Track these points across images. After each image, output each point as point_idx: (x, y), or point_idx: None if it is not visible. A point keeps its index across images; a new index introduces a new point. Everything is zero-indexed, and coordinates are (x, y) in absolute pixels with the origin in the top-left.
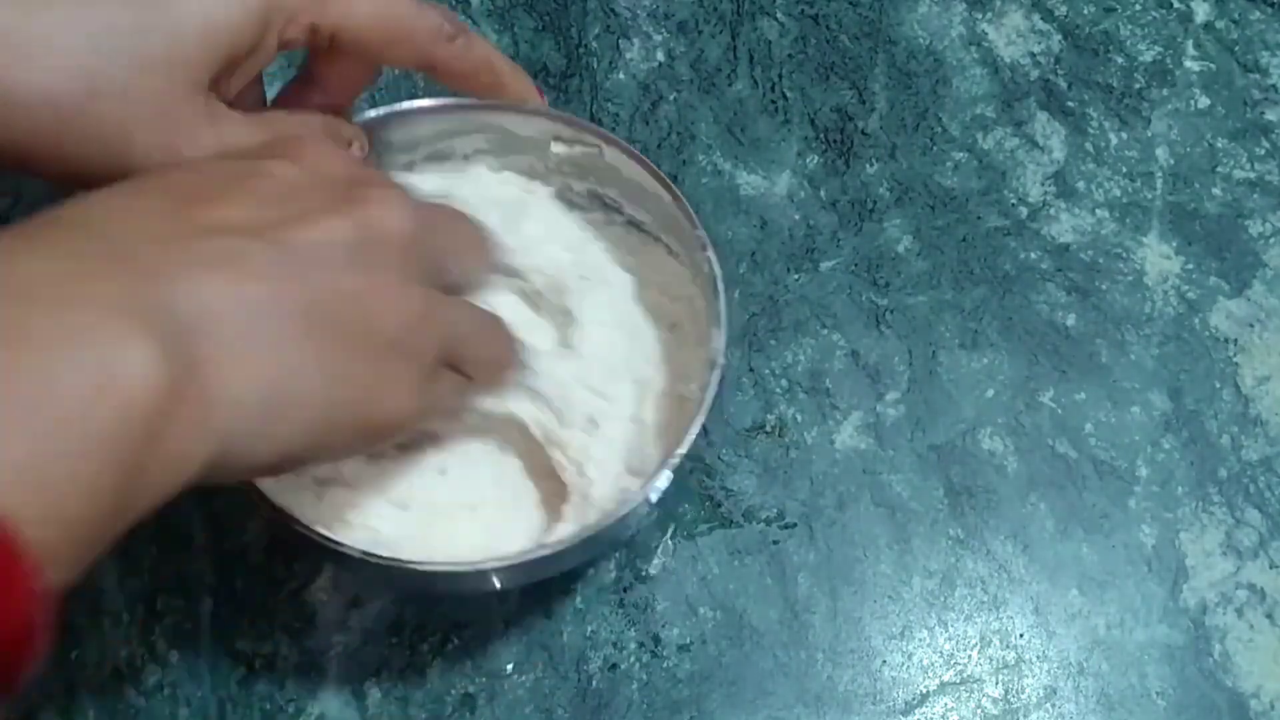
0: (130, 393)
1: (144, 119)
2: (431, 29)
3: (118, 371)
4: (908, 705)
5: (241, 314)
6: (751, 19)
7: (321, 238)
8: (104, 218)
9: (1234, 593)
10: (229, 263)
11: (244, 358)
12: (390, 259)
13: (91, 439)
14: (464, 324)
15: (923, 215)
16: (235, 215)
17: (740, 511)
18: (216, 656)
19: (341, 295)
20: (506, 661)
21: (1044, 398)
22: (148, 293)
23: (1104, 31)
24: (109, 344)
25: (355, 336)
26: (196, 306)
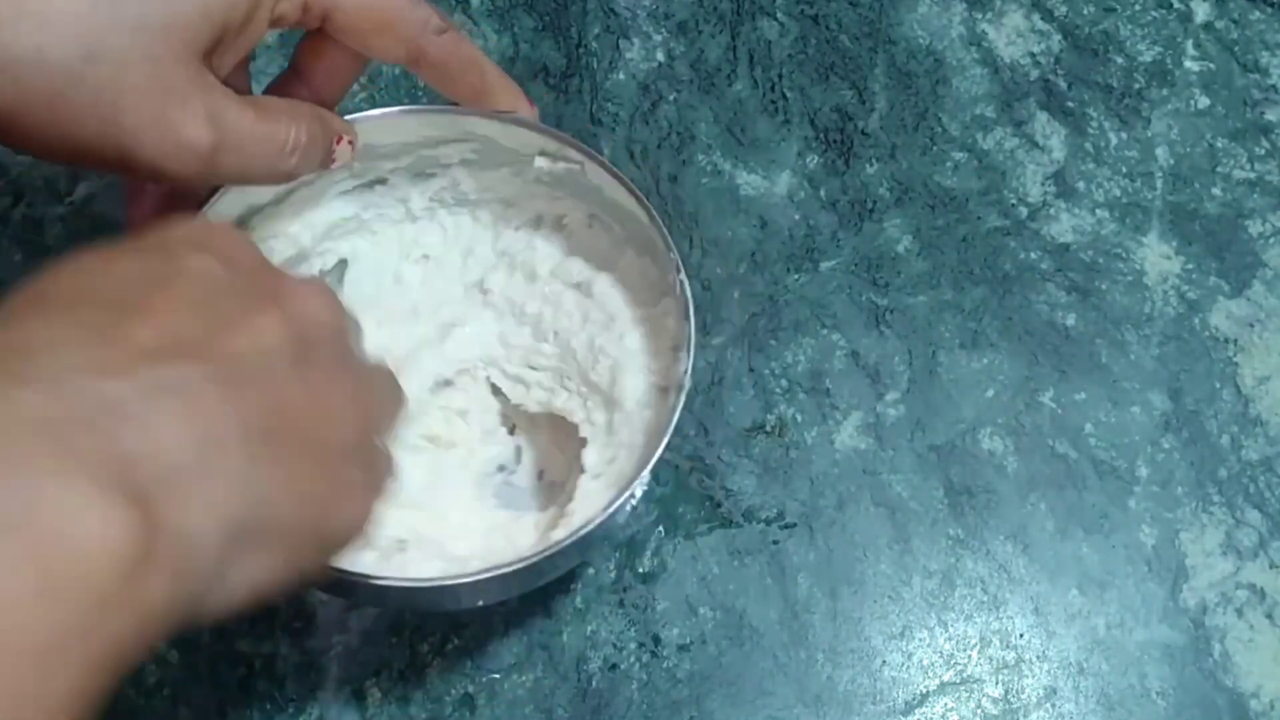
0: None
1: (139, 85)
2: (421, 20)
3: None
4: (908, 705)
5: (202, 448)
6: (751, 19)
7: (259, 343)
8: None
9: (1234, 593)
10: (180, 394)
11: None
12: (325, 350)
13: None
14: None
15: (923, 215)
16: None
17: (740, 511)
18: (216, 656)
19: (290, 403)
20: (506, 661)
21: (1044, 398)
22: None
23: (1104, 31)
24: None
25: (310, 447)
26: (154, 451)
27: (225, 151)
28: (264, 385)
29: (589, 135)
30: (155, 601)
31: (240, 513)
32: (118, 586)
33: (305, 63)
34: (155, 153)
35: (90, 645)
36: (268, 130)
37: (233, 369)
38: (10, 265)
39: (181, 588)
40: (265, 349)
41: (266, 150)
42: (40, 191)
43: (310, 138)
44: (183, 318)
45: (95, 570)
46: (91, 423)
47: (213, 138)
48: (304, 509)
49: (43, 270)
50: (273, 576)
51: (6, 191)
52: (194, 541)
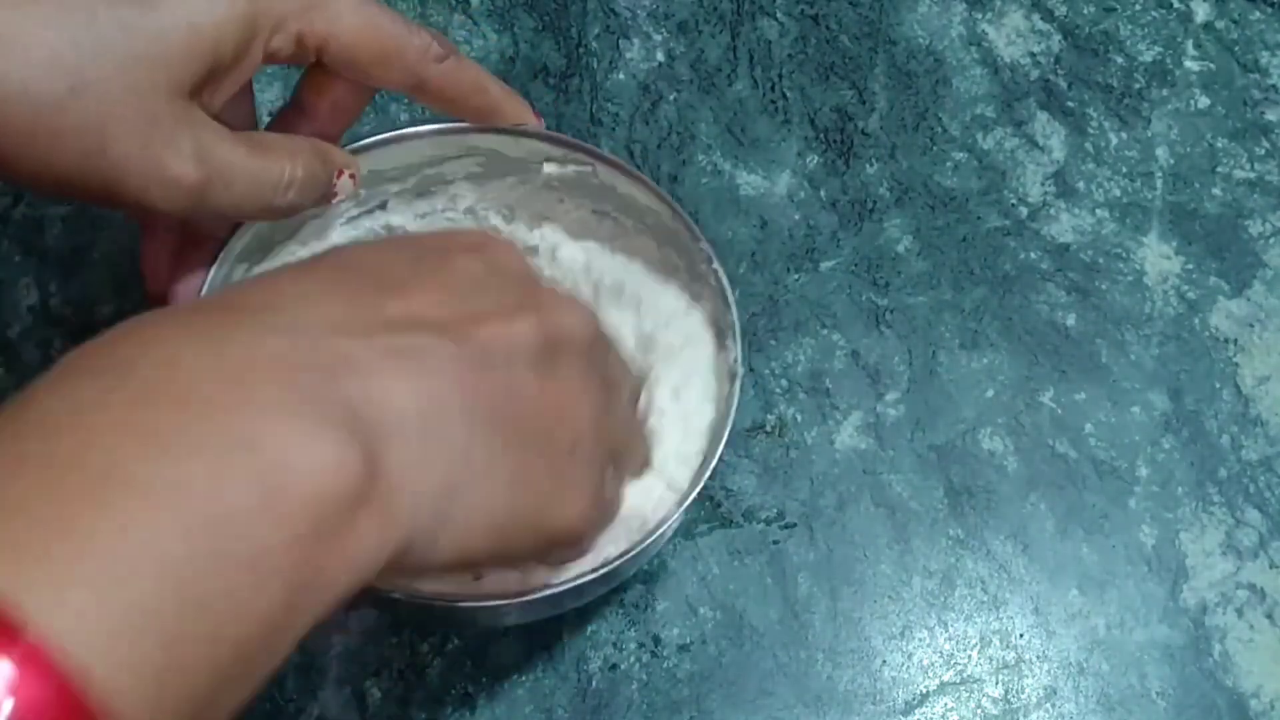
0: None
1: (123, 119)
2: (420, 48)
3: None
4: (908, 705)
5: (427, 412)
6: (751, 19)
7: (509, 337)
8: (278, 302)
9: (1234, 593)
10: (416, 359)
11: (425, 460)
12: (573, 363)
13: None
14: (626, 426)
15: (923, 215)
16: (421, 308)
17: (740, 511)
18: None
19: (526, 398)
20: (506, 661)
21: (1044, 398)
22: (330, 390)
23: (1104, 31)
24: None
25: (538, 440)
26: (381, 403)
27: (214, 187)
28: (503, 375)
29: (589, 135)
30: (364, 542)
31: (456, 479)
32: (332, 520)
33: (307, 98)
34: (141, 188)
35: (301, 569)
36: (260, 166)
37: (475, 352)
38: (10, 265)
39: (391, 535)
40: (513, 345)
41: (258, 186)
42: None
43: (307, 173)
44: (437, 301)
45: (313, 500)
46: (326, 370)
47: (199, 174)
48: (520, 493)
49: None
50: (481, 551)
51: (6, 191)
52: (407, 495)
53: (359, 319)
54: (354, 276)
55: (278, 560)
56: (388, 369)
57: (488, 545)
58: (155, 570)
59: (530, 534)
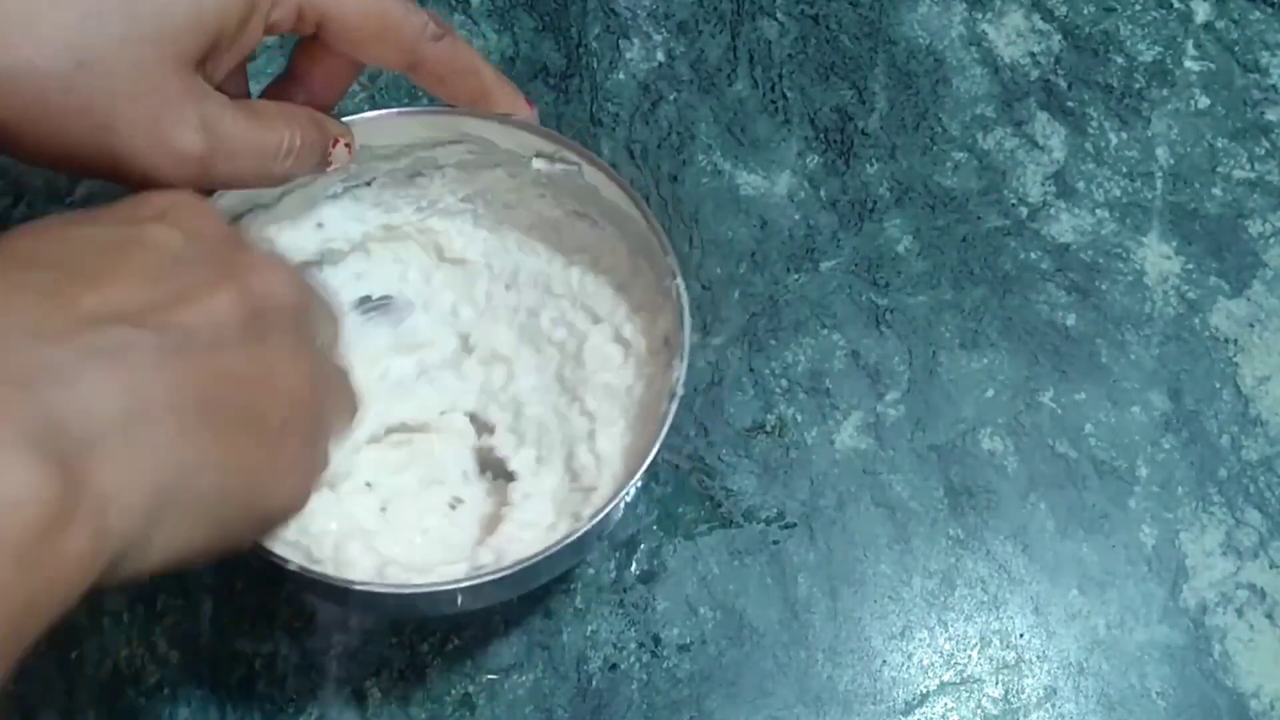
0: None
1: (130, 94)
2: (418, 26)
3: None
4: (908, 705)
5: (132, 414)
6: (751, 19)
7: (212, 314)
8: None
9: (1234, 593)
10: (117, 358)
11: (136, 462)
12: (282, 329)
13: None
14: (335, 384)
15: (923, 215)
16: (118, 297)
17: (740, 511)
18: (216, 656)
19: (235, 379)
20: (506, 661)
21: (1044, 398)
22: (29, 404)
23: (1104, 31)
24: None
25: (250, 422)
26: (84, 413)
27: (218, 158)
28: (208, 357)
29: (589, 135)
30: (72, 561)
31: (166, 480)
32: (35, 544)
33: (302, 67)
34: (148, 160)
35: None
36: (260, 135)
37: (177, 339)
38: None
39: (102, 548)
40: (216, 322)
41: (259, 155)
42: (40, 191)
43: (304, 141)
44: (133, 286)
45: (12, 527)
46: (23, 382)
47: (205, 145)
48: (235, 481)
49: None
50: (200, 545)
51: (6, 191)
52: (116, 505)
53: (55, 319)
54: (44, 270)
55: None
56: (88, 373)
57: (204, 540)
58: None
59: (247, 519)
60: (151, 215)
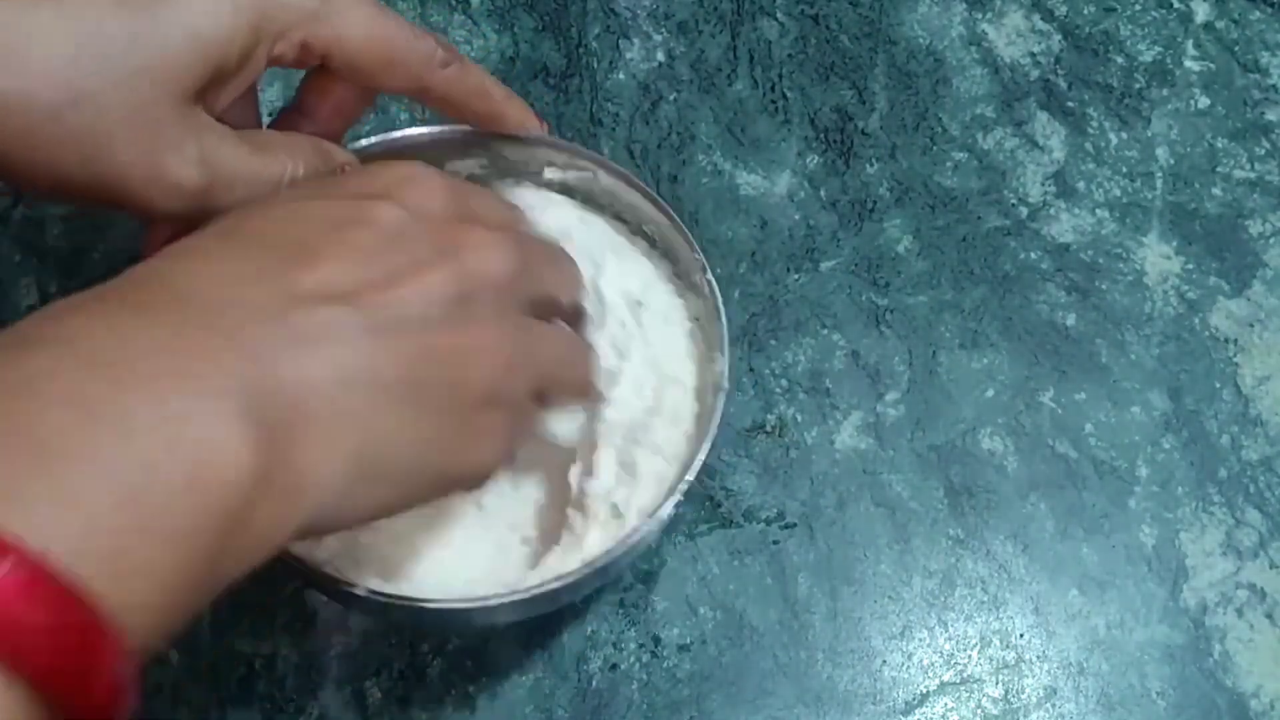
0: (221, 479)
1: (125, 128)
2: (425, 54)
3: (211, 457)
4: (908, 705)
5: (334, 391)
6: (751, 19)
7: (422, 294)
8: (200, 283)
9: (1234, 593)
10: (324, 338)
11: (334, 437)
12: (488, 303)
13: (180, 526)
14: (553, 353)
15: (923, 215)
16: (331, 278)
17: (740, 511)
18: (216, 656)
19: (436, 355)
20: (506, 661)
21: (1044, 398)
22: (244, 373)
23: (1104, 31)
24: (204, 428)
25: (449, 396)
26: (291, 386)
27: (217, 189)
28: (414, 336)
29: (589, 135)
30: (266, 527)
31: (366, 452)
32: (239, 500)
33: (310, 99)
34: (144, 192)
35: (207, 547)
36: (261, 165)
37: (385, 318)
38: (10, 265)
39: (294, 517)
40: (426, 302)
41: (260, 185)
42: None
43: (307, 171)
44: (350, 266)
45: (222, 482)
46: (240, 357)
47: (202, 177)
48: (429, 454)
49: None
50: (387, 506)
51: (6, 191)
52: (312, 475)
53: (272, 300)
54: (272, 250)
55: (194, 539)
56: (297, 350)
57: (397, 501)
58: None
59: (437, 484)
60: (380, 191)
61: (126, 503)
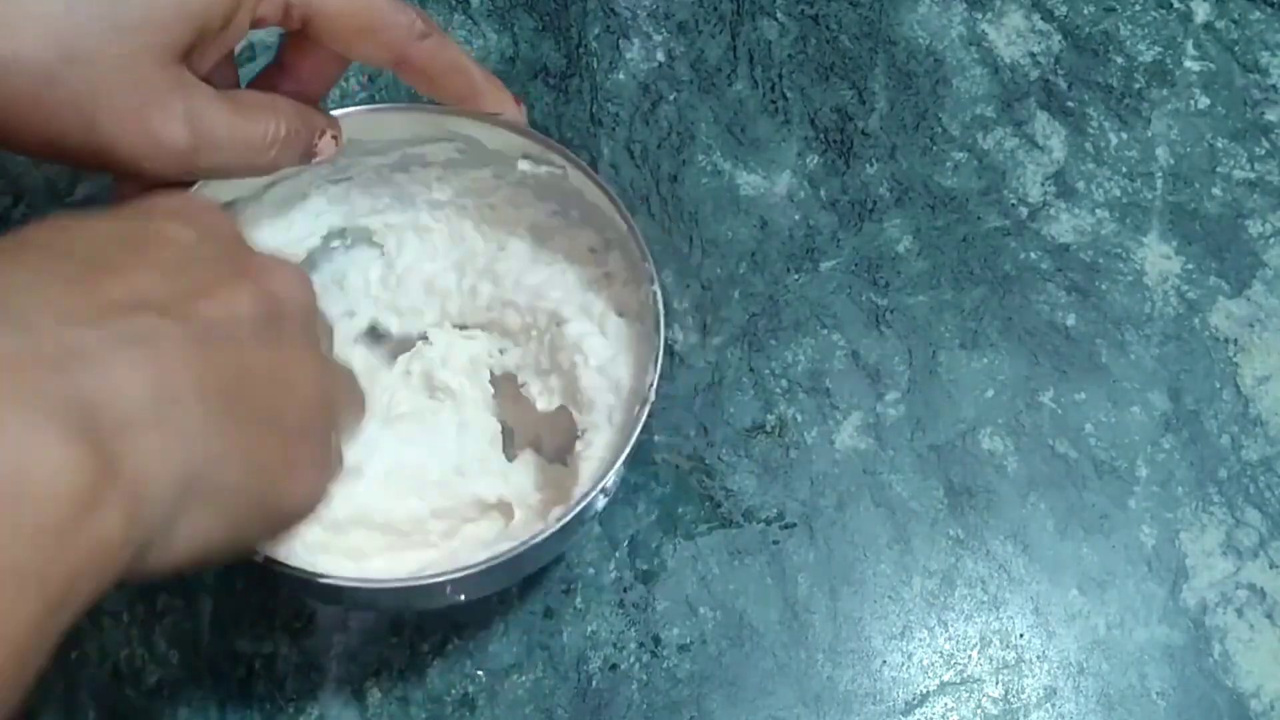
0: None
1: (116, 85)
2: (404, 25)
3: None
4: (908, 705)
5: (161, 399)
6: (751, 19)
7: (230, 309)
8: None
9: (1234, 593)
10: (145, 345)
11: (164, 446)
12: (294, 331)
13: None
14: (343, 383)
15: (923, 215)
16: (143, 287)
17: (740, 511)
18: (216, 656)
19: (255, 375)
20: (506, 661)
21: (1044, 398)
22: (64, 386)
23: (1104, 31)
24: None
25: (270, 419)
26: (115, 396)
27: (203, 148)
28: (230, 351)
29: (589, 135)
30: (107, 541)
31: (192, 467)
32: (72, 523)
33: (290, 58)
34: (133, 151)
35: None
36: (245, 126)
37: (201, 330)
38: None
39: (132, 532)
40: (235, 317)
41: (244, 146)
42: (40, 191)
43: (289, 132)
44: (155, 279)
45: (51, 506)
46: (56, 365)
47: (190, 137)
48: (255, 477)
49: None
50: (218, 540)
51: (6, 191)
52: (145, 488)
53: (84, 305)
54: (68, 260)
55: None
56: (119, 358)
57: (223, 537)
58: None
59: (264, 518)
60: (165, 213)
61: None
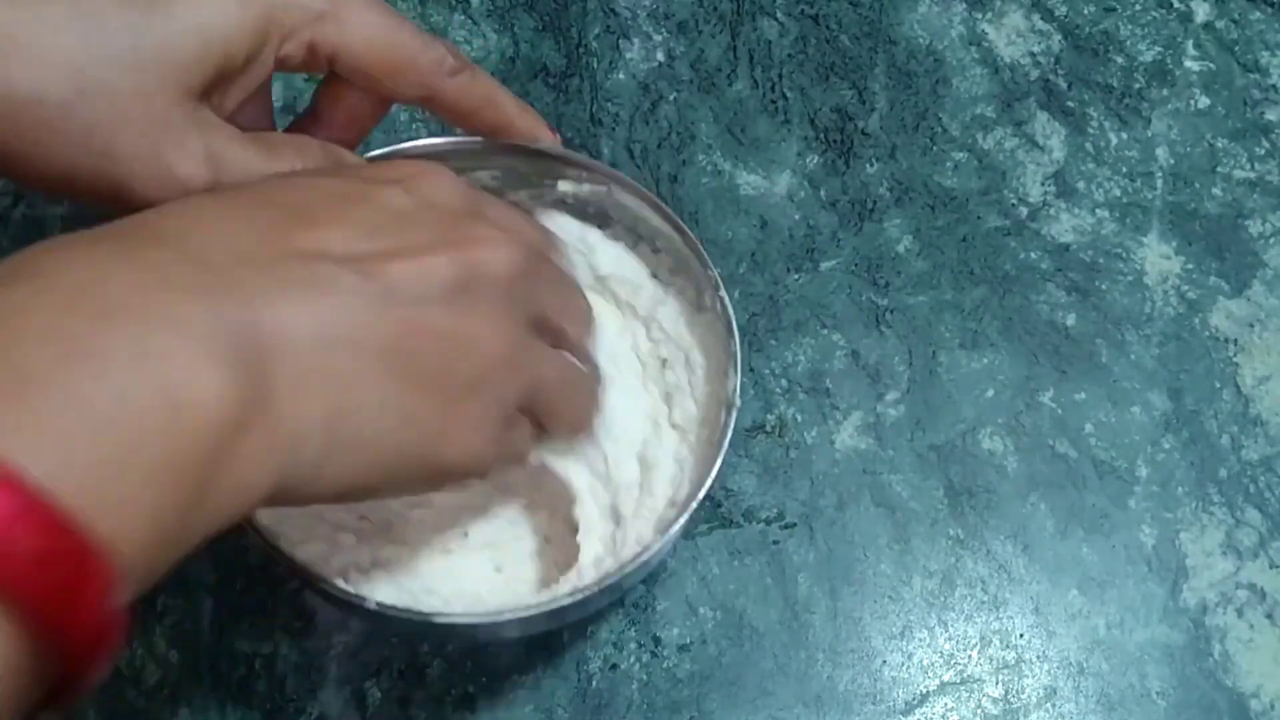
0: (199, 418)
1: (131, 122)
2: (434, 61)
3: (189, 395)
4: (908, 705)
5: (319, 346)
6: (751, 19)
7: (419, 274)
8: (193, 230)
9: (1234, 593)
10: (314, 290)
11: (314, 391)
12: (489, 298)
13: (159, 462)
14: (552, 375)
15: (923, 215)
16: (333, 241)
17: (740, 511)
18: (216, 656)
19: (427, 333)
20: (506, 661)
21: (1044, 398)
22: (227, 314)
23: (1104, 31)
24: (183, 367)
25: (433, 377)
26: (275, 332)
27: None
28: (406, 309)
29: (589, 135)
30: (247, 467)
31: (348, 413)
32: (217, 440)
33: (323, 106)
34: (149, 189)
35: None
36: (268, 166)
37: (380, 287)
38: None
39: (274, 463)
40: (424, 281)
41: None
42: (40, 191)
43: None
44: (350, 234)
45: (201, 421)
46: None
47: (208, 176)
48: (406, 433)
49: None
50: (372, 483)
51: (6, 191)
52: (293, 424)
53: (266, 250)
54: (273, 209)
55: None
56: (284, 297)
57: (373, 478)
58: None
59: (418, 469)
60: (394, 178)
61: (105, 436)
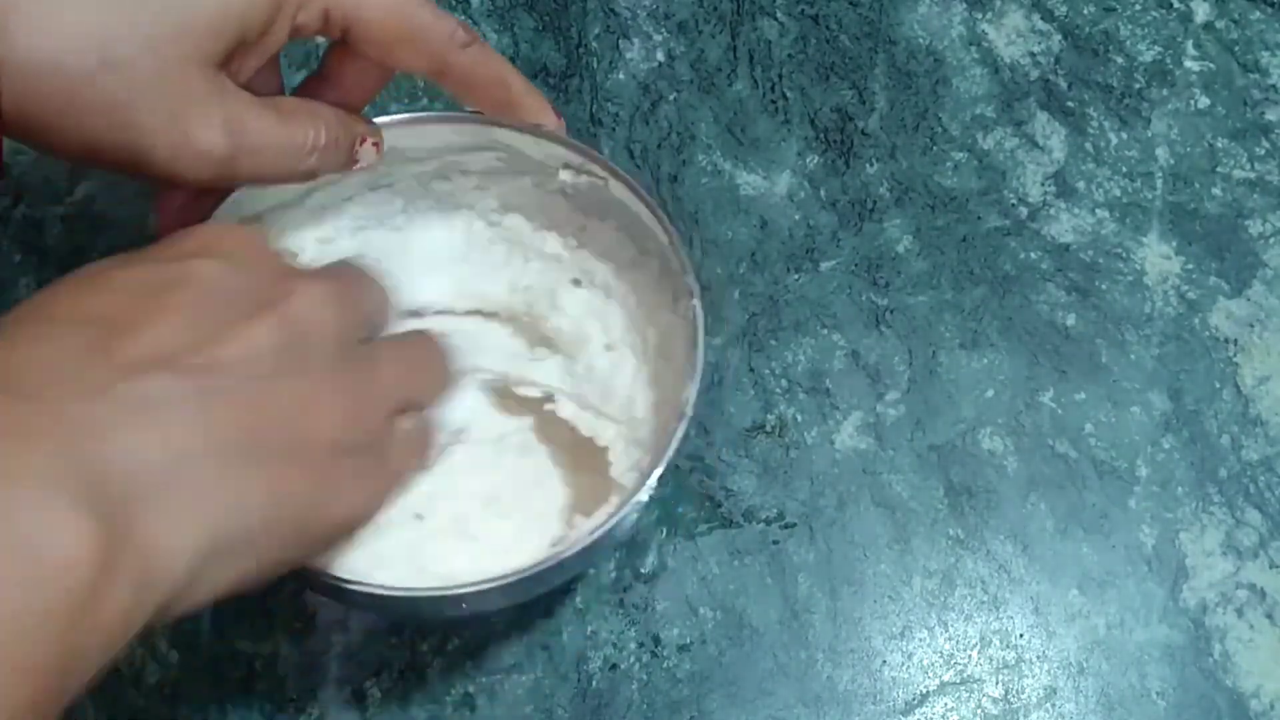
0: (61, 573)
1: (153, 91)
2: (445, 33)
3: (47, 552)
4: (908, 705)
5: (169, 465)
6: (751, 19)
7: (246, 350)
8: (16, 370)
9: (1234, 593)
10: (151, 412)
11: (175, 511)
12: (321, 352)
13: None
14: (400, 374)
15: (923, 215)
16: (154, 344)
17: (740, 511)
18: (216, 656)
19: (275, 411)
20: (506, 661)
21: (1044, 398)
22: (75, 457)
23: (1104, 31)
24: (36, 523)
25: (291, 450)
26: (126, 465)
27: (241, 155)
28: (246, 393)
29: (589, 135)
30: (116, 615)
31: (214, 522)
32: (81, 597)
33: (332, 68)
34: (170, 158)
35: (53, 651)
36: (285, 132)
37: (215, 379)
38: (10, 265)
39: (146, 599)
40: (253, 355)
41: (283, 152)
42: (40, 191)
43: (330, 139)
44: (172, 329)
45: (59, 581)
46: (65, 440)
47: (227, 143)
48: (285, 510)
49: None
50: (255, 573)
51: (6, 191)
52: (161, 554)
53: (94, 375)
54: (85, 327)
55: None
56: (128, 427)
57: (259, 568)
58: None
59: (302, 540)
60: (196, 249)
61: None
